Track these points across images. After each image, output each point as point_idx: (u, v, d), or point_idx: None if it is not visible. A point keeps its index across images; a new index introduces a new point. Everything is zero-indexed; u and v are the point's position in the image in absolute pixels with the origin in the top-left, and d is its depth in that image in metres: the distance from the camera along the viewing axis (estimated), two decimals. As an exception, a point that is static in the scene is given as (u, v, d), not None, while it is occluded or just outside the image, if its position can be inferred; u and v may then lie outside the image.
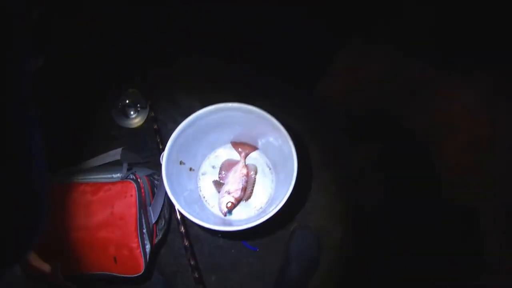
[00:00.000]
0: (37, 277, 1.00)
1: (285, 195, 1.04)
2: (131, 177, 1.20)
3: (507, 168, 1.26)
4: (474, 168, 1.35)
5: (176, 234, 1.44)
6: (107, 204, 1.15)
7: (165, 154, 1.09)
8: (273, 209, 1.04)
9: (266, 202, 1.28)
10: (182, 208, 1.06)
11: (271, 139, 1.19)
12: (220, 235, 1.43)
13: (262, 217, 1.04)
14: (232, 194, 1.23)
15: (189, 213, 1.05)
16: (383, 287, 1.38)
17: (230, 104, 1.09)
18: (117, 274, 1.17)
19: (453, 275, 1.29)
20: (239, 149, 1.30)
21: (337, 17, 1.54)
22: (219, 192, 1.27)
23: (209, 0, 1.58)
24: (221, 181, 1.29)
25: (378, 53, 1.51)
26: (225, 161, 1.31)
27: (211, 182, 1.30)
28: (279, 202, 1.04)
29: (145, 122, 1.53)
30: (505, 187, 1.25)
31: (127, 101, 1.53)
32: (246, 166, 1.28)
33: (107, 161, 1.39)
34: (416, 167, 1.44)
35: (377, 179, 1.48)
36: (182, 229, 1.34)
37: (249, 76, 1.57)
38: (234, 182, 1.25)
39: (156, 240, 1.28)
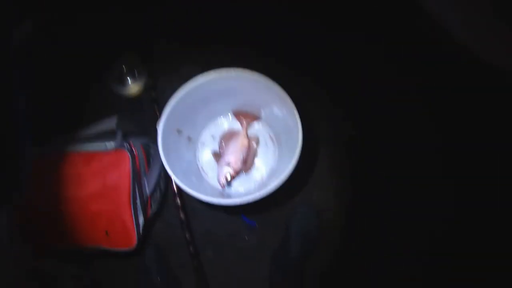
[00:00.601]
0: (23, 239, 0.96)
1: (288, 169, 0.99)
2: (125, 146, 1.14)
3: None
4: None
5: (172, 206, 1.39)
6: (100, 175, 1.10)
7: (161, 121, 1.03)
8: (274, 183, 0.99)
9: (267, 175, 1.24)
10: (179, 179, 1.02)
11: (275, 109, 1.14)
12: (221, 209, 1.38)
13: (263, 191, 1.00)
14: (231, 166, 1.18)
15: (186, 184, 1.01)
16: (383, 269, 1.35)
17: (233, 71, 1.03)
18: (109, 248, 1.13)
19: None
20: (241, 119, 1.24)
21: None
22: (218, 163, 1.22)
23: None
24: (221, 151, 1.24)
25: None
26: (226, 131, 1.26)
27: (210, 152, 1.25)
28: (281, 176, 0.99)
29: (143, 89, 1.47)
30: None
31: (124, 68, 1.46)
32: (247, 136, 1.23)
33: (101, 130, 1.33)
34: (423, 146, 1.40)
35: (384, 159, 1.43)
36: (178, 201, 1.30)
37: (255, 43, 1.50)
38: (234, 153, 1.19)
39: (150, 213, 1.24)
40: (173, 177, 1.01)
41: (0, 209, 0.54)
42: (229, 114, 1.27)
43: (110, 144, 1.14)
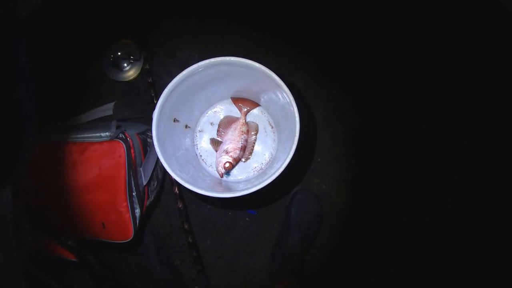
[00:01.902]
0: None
1: (287, 157, 0.96)
2: (120, 136, 1.11)
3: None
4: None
5: (170, 194, 1.37)
6: (94, 165, 1.07)
7: (156, 112, 1.00)
8: (274, 173, 0.97)
9: (267, 163, 1.21)
10: (173, 171, 0.99)
11: (273, 96, 1.10)
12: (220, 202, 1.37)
13: (262, 180, 0.97)
14: (230, 154, 1.15)
15: (181, 177, 0.99)
16: (383, 256, 1.34)
17: (230, 58, 0.99)
18: (106, 240, 1.11)
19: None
20: (240, 105, 1.21)
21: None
22: (216, 151, 1.19)
23: None
24: (219, 139, 1.21)
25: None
26: (224, 117, 1.22)
27: (209, 140, 1.21)
28: (280, 166, 0.96)
29: (139, 75, 1.43)
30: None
31: (120, 53, 1.42)
32: (246, 123, 1.20)
33: (98, 117, 1.31)
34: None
35: (385, 146, 1.40)
36: (176, 190, 1.28)
37: (253, 30, 1.46)
38: (233, 141, 1.16)
39: (147, 203, 1.21)
40: (168, 170, 0.99)
41: (4, 186, 0.55)
42: (227, 101, 1.24)
43: (105, 134, 1.11)
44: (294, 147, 0.96)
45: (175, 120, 1.11)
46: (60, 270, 0.99)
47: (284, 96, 1.00)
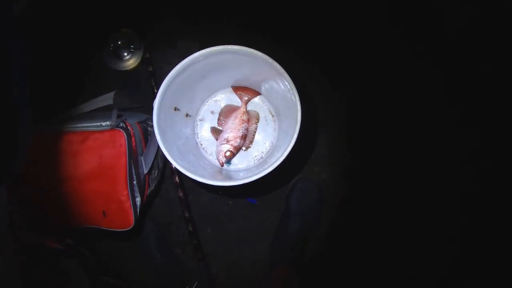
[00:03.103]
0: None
1: (288, 146, 0.96)
2: (121, 125, 1.11)
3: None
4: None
5: (171, 183, 1.37)
6: (95, 154, 1.07)
7: (156, 101, 1.00)
8: (274, 162, 0.97)
9: (267, 152, 1.20)
10: (174, 160, 0.99)
11: (274, 85, 1.10)
12: (220, 192, 1.37)
13: (263, 169, 0.97)
14: (231, 143, 1.15)
15: (181, 165, 0.99)
16: (383, 245, 1.34)
17: (231, 47, 0.99)
18: (107, 228, 1.12)
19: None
20: (241, 94, 1.21)
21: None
22: (217, 140, 1.19)
23: None
24: (219, 127, 1.21)
25: None
26: (225, 106, 1.22)
27: (209, 128, 1.21)
28: (281, 154, 0.96)
29: (139, 64, 1.43)
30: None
31: (119, 42, 1.41)
32: (247, 112, 1.20)
33: (98, 106, 1.31)
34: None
35: (387, 135, 1.40)
36: (177, 179, 1.28)
37: (254, 21, 1.45)
38: (233, 130, 1.16)
39: (148, 191, 1.22)
40: (169, 158, 0.99)
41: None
42: (228, 89, 1.23)
43: (106, 123, 1.11)
44: (295, 135, 0.96)
45: (175, 109, 1.11)
46: (57, 264, 0.99)
47: (286, 85, 1.00)
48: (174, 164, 0.98)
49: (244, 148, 1.19)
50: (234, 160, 1.20)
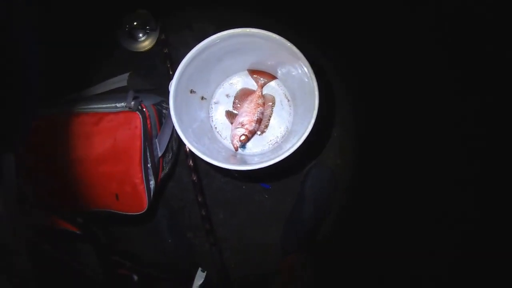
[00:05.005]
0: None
1: (304, 132, 0.95)
2: (137, 107, 1.10)
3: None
4: None
5: (184, 167, 1.36)
6: (109, 136, 1.06)
7: (173, 83, 0.98)
8: (291, 147, 0.96)
9: (282, 137, 1.19)
10: (190, 143, 0.98)
11: (291, 69, 1.08)
12: (236, 174, 1.36)
13: (278, 154, 0.96)
14: (246, 127, 1.13)
15: (197, 148, 0.98)
16: (398, 232, 1.33)
17: (249, 29, 0.97)
18: (119, 212, 1.12)
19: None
20: (256, 77, 1.19)
21: None
22: (232, 123, 1.18)
23: None
24: (235, 111, 1.19)
25: None
26: (240, 89, 1.20)
27: (224, 112, 1.20)
28: (298, 140, 0.95)
29: (155, 45, 1.41)
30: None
31: (135, 23, 1.39)
32: (262, 96, 1.18)
33: (112, 88, 1.30)
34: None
35: (404, 122, 1.37)
36: (191, 162, 1.27)
37: (272, 4, 1.42)
38: (249, 113, 1.15)
39: (162, 175, 1.21)
40: (185, 141, 0.98)
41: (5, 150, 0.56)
42: (244, 73, 1.22)
43: (121, 105, 1.10)
44: (312, 121, 0.94)
45: (191, 91, 1.10)
46: (66, 243, 0.99)
47: (303, 69, 0.98)
48: (190, 147, 0.97)
49: (259, 133, 1.18)
50: (249, 145, 1.19)
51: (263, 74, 1.19)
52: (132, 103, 1.09)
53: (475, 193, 1.31)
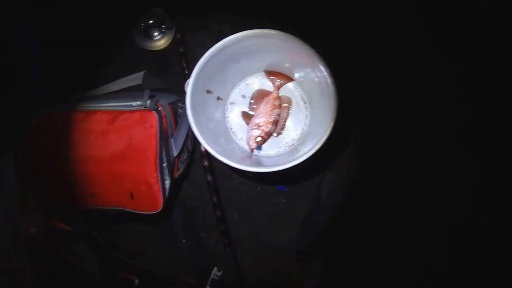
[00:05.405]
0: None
1: (323, 136, 0.95)
2: (153, 106, 1.09)
3: None
4: None
5: (199, 167, 1.36)
6: (125, 134, 1.06)
7: (190, 82, 0.98)
8: (308, 151, 0.95)
9: (298, 139, 1.18)
10: (206, 143, 0.97)
11: (309, 71, 1.07)
12: (250, 174, 1.34)
13: (295, 157, 0.95)
14: (262, 128, 1.12)
15: (213, 148, 0.97)
16: (416, 240, 1.31)
17: (267, 31, 0.97)
18: (134, 211, 1.11)
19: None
20: (273, 79, 1.18)
21: None
22: (248, 124, 1.17)
23: None
24: (250, 112, 1.18)
25: None
26: (257, 90, 1.19)
27: (240, 113, 1.19)
28: (316, 143, 0.95)
29: (170, 44, 1.40)
30: None
31: (151, 22, 1.39)
32: (279, 97, 1.17)
33: (127, 86, 1.30)
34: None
35: (423, 124, 1.35)
36: (206, 163, 1.26)
37: (290, 5, 1.40)
38: (265, 115, 1.14)
39: (177, 174, 1.20)
40: (201, 141, 0.97)
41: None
42: (261, 73, 1.20)
43: (137, 103, 1.10)
44: (331, 124, 0.94)
45: (208, 91, 1.09)
46: (66, 243, 0.99)
47: (322, 72, 0.97)
48: (207, 147, 0.97)
49: (275, 134, 1.17)
50: (265, 146, 1.18)
51: (279, 75, 1.18)
52: (148, 102, 1.08)
53: (475, 193, 1.29)
